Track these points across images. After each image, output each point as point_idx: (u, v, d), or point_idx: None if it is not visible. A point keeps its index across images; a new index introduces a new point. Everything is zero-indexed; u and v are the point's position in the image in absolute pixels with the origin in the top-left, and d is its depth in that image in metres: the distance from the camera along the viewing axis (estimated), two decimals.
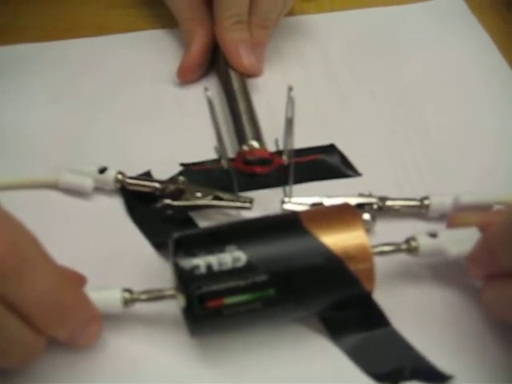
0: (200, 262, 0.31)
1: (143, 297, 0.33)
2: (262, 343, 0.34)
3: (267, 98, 0.48)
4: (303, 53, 0.53)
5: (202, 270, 0.31)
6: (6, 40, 0.53)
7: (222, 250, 0.31)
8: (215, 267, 0.31)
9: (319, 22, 0.56)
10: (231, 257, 0.31)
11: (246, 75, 0.49)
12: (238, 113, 0.45)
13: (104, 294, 0.33)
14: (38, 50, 0.53)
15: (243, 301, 0.31)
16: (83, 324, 0.32)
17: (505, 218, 0.31)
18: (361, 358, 0.33)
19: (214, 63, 0.51)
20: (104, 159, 0.42)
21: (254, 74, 0.50)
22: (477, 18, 0.56)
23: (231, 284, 0.31)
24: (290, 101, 0.36)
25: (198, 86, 0.50)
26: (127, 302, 0.33)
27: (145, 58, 0.52)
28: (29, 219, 0.30)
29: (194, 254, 0.31)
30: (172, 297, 0.32)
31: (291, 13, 0.55)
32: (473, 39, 0.54)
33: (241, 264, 0.31)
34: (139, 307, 0.33)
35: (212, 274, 0.31)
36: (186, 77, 0.49)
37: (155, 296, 0.33)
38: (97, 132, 0.46)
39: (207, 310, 0.31)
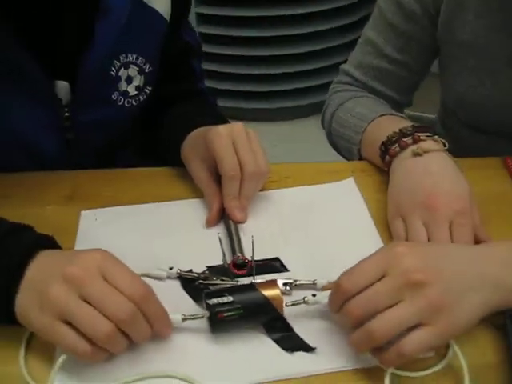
0: (215, 300, 0.79)
1: (190, 317, 0.81)
2: (242, 335, 0.81)
3: (247, 233, 0.97)
4: (265, 212, 1.03)
5: (216, 302, 0.79)
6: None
7: (223, 296, 0.79)
8: (220, 301, 0.79)
9: (275, 195, 1.06)
10: (227, 298, 0.79)
11: (237, 222, 0.99)
12: (233, 240, 0.94)
13: (172, 316, 0.81)
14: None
15: (231, 314, 0.78)
16: (164, 328, 0.80)
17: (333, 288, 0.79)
18: (280, 341, 0.80)
19: (223, 216, 1.01)
20: (170, 262, 0.91)
21: (242, 221, 0.99)
22: (362, 192, 1.06)
23: (227, 307, 0.78)
24: (252, 244, 0.87)
25: (216, 227, 1.00)
26: (184, 320, 0.80)
27: (187, 214, 1.03)
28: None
29: (213, 297, 0.79)
30: (204, 315, 0.80)
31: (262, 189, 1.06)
32: (357, 209, 1.03)
33: (230, 300, 0.79)
34: (189, 322, 0.81)
35: (220, 304, 0.79)
36: (211, 224, 0.99)
37: (196, 316, 0.81)
38: (163, 250, 0.96)
39: (218, 319, 0.79)
